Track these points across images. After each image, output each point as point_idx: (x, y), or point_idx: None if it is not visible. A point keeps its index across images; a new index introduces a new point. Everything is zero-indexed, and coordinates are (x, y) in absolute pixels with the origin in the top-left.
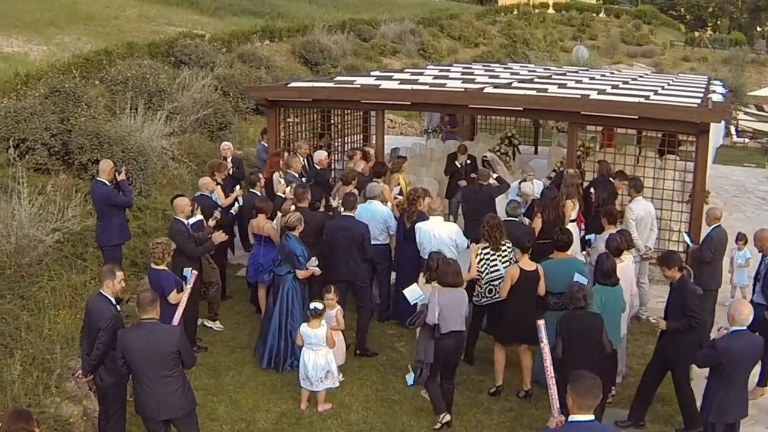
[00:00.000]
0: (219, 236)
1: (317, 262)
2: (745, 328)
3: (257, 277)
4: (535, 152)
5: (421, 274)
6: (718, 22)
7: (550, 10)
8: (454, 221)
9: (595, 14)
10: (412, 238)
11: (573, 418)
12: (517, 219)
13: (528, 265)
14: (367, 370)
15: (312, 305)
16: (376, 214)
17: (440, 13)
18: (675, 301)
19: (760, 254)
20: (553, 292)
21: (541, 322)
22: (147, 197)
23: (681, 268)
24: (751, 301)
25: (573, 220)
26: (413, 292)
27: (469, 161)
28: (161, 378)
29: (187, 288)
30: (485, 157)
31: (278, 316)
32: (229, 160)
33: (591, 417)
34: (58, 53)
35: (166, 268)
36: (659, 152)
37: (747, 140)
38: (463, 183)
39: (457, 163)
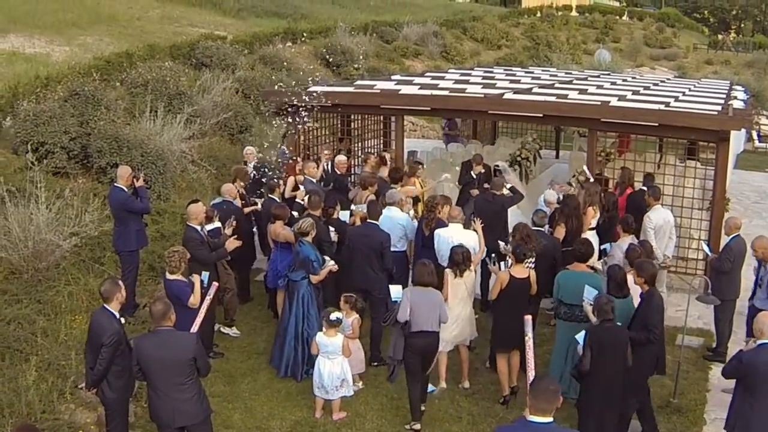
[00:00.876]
0: (232, 243)
1: (333, 262)
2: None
3: (276, 282)
4: (557, 157)
5: (449, 271)
6: (742, 25)
7: (574, 13)
8: None
9: (618, 17)
10: (431, 245)
11: (530, 418)
12: (543, 229)
13: (520, 272)
14: (383, 379)
15: (333, 315)
16: (395, 221)
17: (463, 15)
18: (640, 312)
19: (758, 261)
20: (564, 302)
21: (528, 317)
22: (166, 201)
23: (651, 282)
24: (752, 307)
25: (592, 228)
26: (396, 291)
27: (482, 170)
28: (176, 385)
29: (207, 298)
30: (497, 166)
31: (294, 322)
32: (251, 165)
33: (548, 420)
34: (80, 54)
35: (181, 277)
36: (682, 158)
37: None
38: (475, 192)
39: (472, 173)
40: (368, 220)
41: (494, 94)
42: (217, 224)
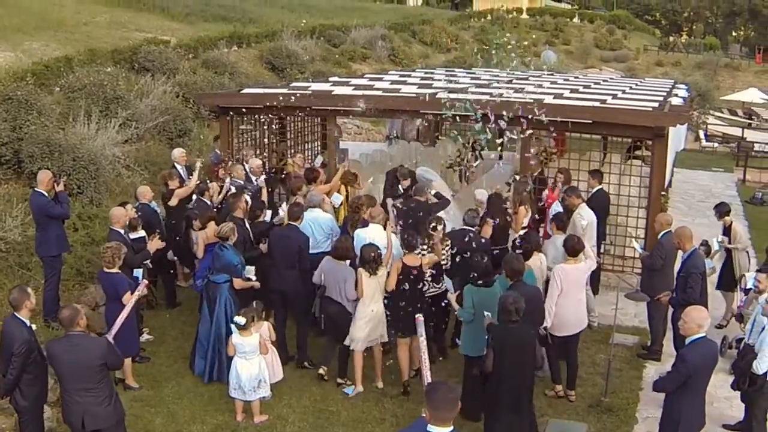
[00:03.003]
0: (155, 243)
1: (254, 275)
2: (704, 334)
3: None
4: (500, 158)
5: (361, 270)
6: (693, 27)
7: (524, 15)
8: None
9: (568, 19)
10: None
11: (429, 428)
12: (473, 228)
13: (411, 261)
14: (308, 381)
15: (235, 319)
16: (319, 222)
17: (413, 18)
18: None
19: (681, 253)
20: None
21: (420, 318)
22: (98, 206)
23: (512, 276)
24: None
25: (525, 227)
26: None
27: (410, 184)
28: (87, 389)
29: (135, 295)
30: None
31: (217, 325)
32: (180, 168)
33: (448, 429)
34: (24, 60)
35: (119, 271)
36: (627, 157)
37: (716, 145)
38: (398, 202)
39: (400, 187)
40: (288, 222)
41: (427, 94)
42: (142, 233)
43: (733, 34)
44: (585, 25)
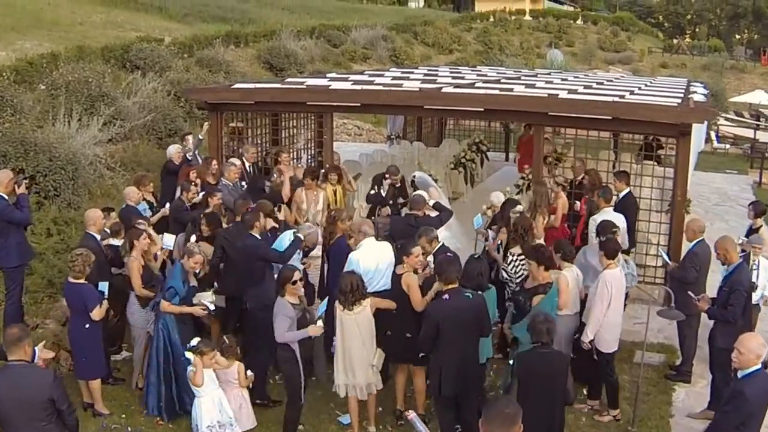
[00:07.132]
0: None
1: (212, 300)
2: (761, 366)
3: None
4: (506, 159)
5: (337, 303)
6: (697, 30)
7: (527, 17)
8: None
9: (572, 21)
10: (334, 264)
11: None
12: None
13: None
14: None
15: (192, 341)
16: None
17: (415, 20)
18: None
19: (724, 265)
20: None
21: (412, 414)
22: (77, 209)
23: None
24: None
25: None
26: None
27: (398, 185)
28: (33, 429)
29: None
30: (414, 177)
31: (158, 354)
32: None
33: None
34: (14, 58)
35: (87, 282)
36: (643, 157)
37: (728, 146)
38: (386, 211)
39: (381, 190)
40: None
41: (431, 88)
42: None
43: (737, 36)
44: (588, 26)
